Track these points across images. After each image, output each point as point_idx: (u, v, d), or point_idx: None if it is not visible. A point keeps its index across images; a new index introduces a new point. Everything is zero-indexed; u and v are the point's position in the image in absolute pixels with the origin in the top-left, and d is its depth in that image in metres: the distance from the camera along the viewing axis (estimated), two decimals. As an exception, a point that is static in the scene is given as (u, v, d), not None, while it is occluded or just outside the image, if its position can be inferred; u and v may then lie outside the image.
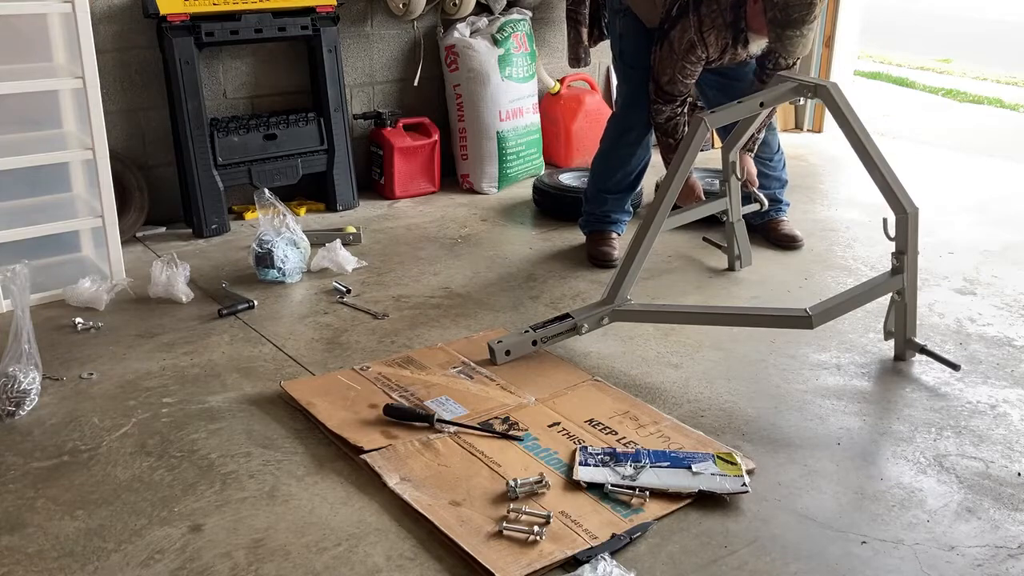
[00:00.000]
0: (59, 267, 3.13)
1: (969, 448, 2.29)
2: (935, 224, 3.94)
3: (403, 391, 2.47)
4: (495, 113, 4.19)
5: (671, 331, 2.86)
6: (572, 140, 4.60)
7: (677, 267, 3.42)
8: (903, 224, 2.59)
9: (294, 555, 1.86)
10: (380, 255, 3.52)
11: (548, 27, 4.70)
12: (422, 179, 4.23)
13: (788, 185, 3.73)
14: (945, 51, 9.55)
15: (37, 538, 1.91)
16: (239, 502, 2.02)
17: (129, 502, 2.02)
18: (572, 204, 3.86)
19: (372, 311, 3.01)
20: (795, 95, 2.81)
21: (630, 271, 2.70)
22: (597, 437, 2.25)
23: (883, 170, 2.61)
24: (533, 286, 3.24)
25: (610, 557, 1.80)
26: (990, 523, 2.01)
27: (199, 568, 1.82)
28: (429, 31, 4.27)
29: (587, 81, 4.73)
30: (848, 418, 2.41)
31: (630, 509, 1.99)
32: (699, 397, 2.50)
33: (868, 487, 2.12)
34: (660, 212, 2.72)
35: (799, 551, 1.90)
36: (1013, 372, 2.67)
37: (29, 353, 2.43)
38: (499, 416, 2.35)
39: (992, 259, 3.56)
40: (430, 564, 1.84)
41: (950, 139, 5.77)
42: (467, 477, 2.10)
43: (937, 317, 3.02)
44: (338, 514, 1.99)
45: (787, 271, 3.40)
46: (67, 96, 3.04)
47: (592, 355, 2.72)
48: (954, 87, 7.64)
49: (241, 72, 3.88)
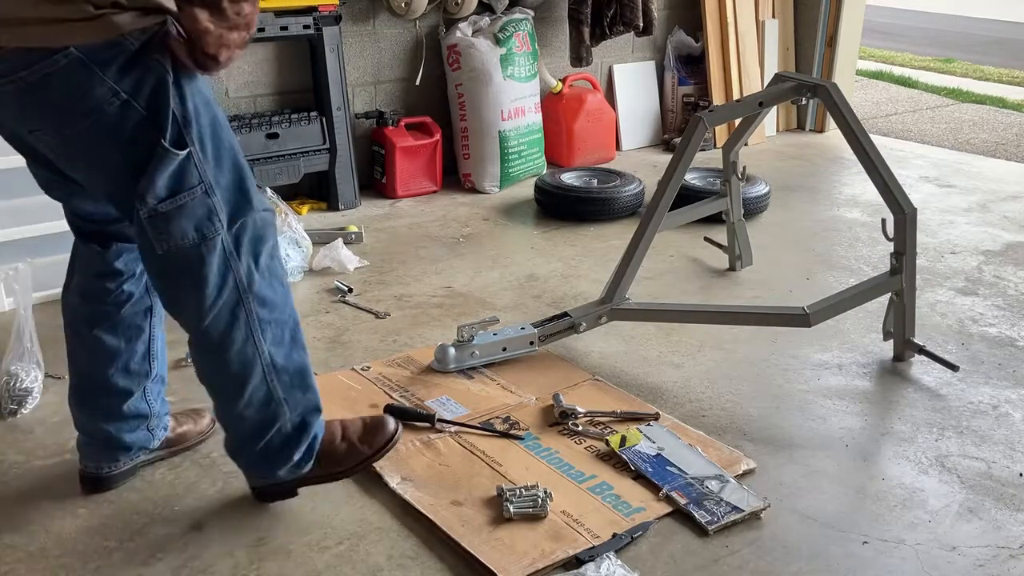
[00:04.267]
0: (61, 266, 3.11)
1: (971, 448, 2.29)
2: (937, 224, 3.94)
3: (404, 391, 2.47)
4: (497, 112, 4.19)
5: (672, 331, 2.86)
6: (574, 139, 4.60)
7: (678, 267, 3.42)
8: (901, 224, 2.59)
9: (295, 554, 1.87)
10: (382, 254, 3.52)
11: (550, 26, 4.71)
12: (424, 178, 4.23)
13: (789, 185, 3.71)
14: (946, 51, 9.55)
15: (39, 536, 1.91)
16: (240, 501, 2.02)
17: (131, 500, 2.02)
18: (574, 204, 3.87)
19: (374, 310, 3.01)
20: (794, 95, 2.81)
21: (628, 270, 2.70)
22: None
23: (882, 170, 2.61)
24: (535, 285, 3.24)
25: (614, 556, 1.80)
26: (992, 523, 2.01)
27: (200, 567, 1.83)
28: (431, 30, 4.27)
29: (589, 80, 4.73)
30: (850, 418, 2.41)
31: (632, 508, 1.99)
32: (700, 397, 2.50)
33: (870, 487, 2.12)
34: (659, 211, 2.72)
35: (800, 551, 1.90)
36: (1015, 372, 2.67)
37: (31, 351, 2.44)
38: (500, 416, 2.35)
39: (994, 259, 3.56)
40: (431, 563, 1.84)
41: (952, 139, 5.78)
42: (468, 477, 2.10)
43: (939, 317, 3.02)
44: (339, 513, 1.99)
45: (788, 271, 3.40)
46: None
47: (593, 354, 2.72)
48: (956, 87, 7.63)
49: (243, 71, 3.88)
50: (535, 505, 1.96)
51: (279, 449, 1.88)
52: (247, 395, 1.81)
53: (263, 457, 1.90)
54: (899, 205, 2.58)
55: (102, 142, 1.62)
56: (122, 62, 1.55)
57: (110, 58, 1.54)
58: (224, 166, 1.71)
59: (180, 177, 1.65)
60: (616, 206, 3.87)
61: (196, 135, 1.65)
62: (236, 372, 1.80)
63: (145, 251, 1.74)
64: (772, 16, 5.25)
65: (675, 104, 5.15)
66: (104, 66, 1.54)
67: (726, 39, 5.00)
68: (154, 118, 1.60)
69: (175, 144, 1.63)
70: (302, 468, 1.93)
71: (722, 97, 5.02)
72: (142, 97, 1.58)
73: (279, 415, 1.86)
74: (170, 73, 1.60)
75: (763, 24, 5.18)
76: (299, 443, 1.89)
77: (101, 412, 2.01)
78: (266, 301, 1.79)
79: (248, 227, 1.75)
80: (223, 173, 1.71)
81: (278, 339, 1.82)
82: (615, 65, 5.02)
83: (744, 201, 3.41)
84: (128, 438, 2.04)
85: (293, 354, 1.85)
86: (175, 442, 2.17)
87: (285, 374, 1.84)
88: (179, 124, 1.63)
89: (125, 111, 1.58)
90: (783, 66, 5.33)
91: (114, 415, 2.01)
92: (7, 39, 1.51)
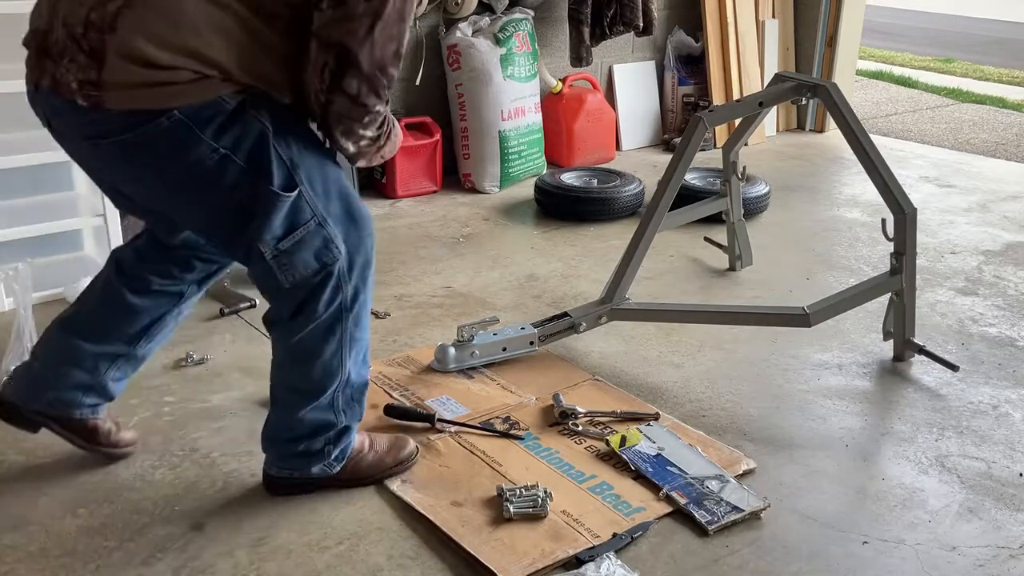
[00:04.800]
0: (61, 266, 3.13)
1: (971, 448, 2.29)
2: (937, 224, 3.94)
3: (404, 390, 2.47)
4: (497, 112, 4.19)
5: (672, 331, 2.86)
6: (574, 139, 4.60)
7: (678, 267, 3.42)
8: (901, 224, 2.60)
9: (295, 554, 1.87)
10: (382, 254, 3.52)
11: (550, 26, 4.70)
12: (424, 178, 4.23)
13: (789, 185, 3.71)
14: (946, 51, 9.55)
15: (39, 536, 1.91)
16: (240, 501, 2.03)
17: (131, 500, 2.02)
18: (574, 204, 3.86)
19: (374, 310, 3.01)
20: (794, 95, 2.81)
21: (628, 270, 2.70)
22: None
23: (882, 170, 2.61)
24: (535, 285, 3.24)
25: (614, 556, 1.80)
26: (992, 523, 2.01)
27: (200, 567, 1.83)
28: (431, 30, 4.27)
29: (589, 80, 4.73)
30: (850, 418, 2.41)
31: (632, 508, 1.99)
32: (700, 397, 2.50)
33: (870, 487, 2.12)
34: (658, 211, 2.72)
35: (800, 551, 1.90)
36: (1015, 372, 2.67)
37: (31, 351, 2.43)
38: (500, 416, 2.35)
39: (994, 259, 3.56)
40: (432, 563, 1.84)
41: (952, 139, 5.78)
42: (468, 477, 2.10)
43: (939, 317, 3.02)
44: (339, 513, 1.99)
45: (788, 271, 3.40)
46: (69, 95, 3.05)
47: (593, 354, 2.72)
48: (956, 87, 7.63)
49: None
50: (535, 505, 1.96)
51: (320, 449, 1.98)
52: (317, 402, 1.91)
53: (303, 454, 1.98)
54: (899, 205, 2.58)
55: (204, 192, 1.69)
56: (221, 121, 1.62)
57: (209, 117, 1.60)
58: (332, 196, 1.78)
59: (294, 215, 1.73)
60: (616, 206, 3.87)
61: (304, 175, 1.72)
62: (316, 381, 1.89)
63: (268, 284, 1.81)
64: (772, 16, 5.25)
65: (675, 104, 5.15)
66: (204, 125, 1.60)
67: (726, 39, 5.00)
68: (257, 168, 1.67)
69: (284, 188, 1.70)
70: (332, 469, 2.01)
71: (722, 97, 5.02)
72: (242, 152, 1.65)
73: (334, 422, 1.96)
74: (270, 128, 1.67)
75: (763, 24, 5.18)
76: (337, 446, 1.99)
77: (70, 353, 2.01)
78: (359, 321, 1.89)
79: (360, 251, 1.84)
80: (332, 203, 1.78)
81: (358, 357, 1.93)
82: (615, 65, 5.02)
83: (744, 201, 3.41)
84: (66, 394, 2.03)
85: (363, 370, 1.97)
86: (91, 431, 2.10)
87: (351, 388, 1.95)
88: (287, 168, 1.70)
89: (225, 164, 1.65)
90: (783, 66, 5.32)
91: (75, 361, 2.01)
92: (114, 101, 1.56)
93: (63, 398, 2.04)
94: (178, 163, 1.63)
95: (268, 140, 1.66)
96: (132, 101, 1.56)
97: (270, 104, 1.67)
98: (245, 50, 1.60)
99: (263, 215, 1.69)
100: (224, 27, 1.56)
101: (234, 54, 1.58)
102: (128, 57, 1.54)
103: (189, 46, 1.55)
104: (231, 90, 1.61)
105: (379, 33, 1.59)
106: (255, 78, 1.62)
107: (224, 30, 1.57)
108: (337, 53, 1.59)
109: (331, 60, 1.59)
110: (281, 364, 1.93)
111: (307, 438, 1.96)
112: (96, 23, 1.54)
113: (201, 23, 1.55)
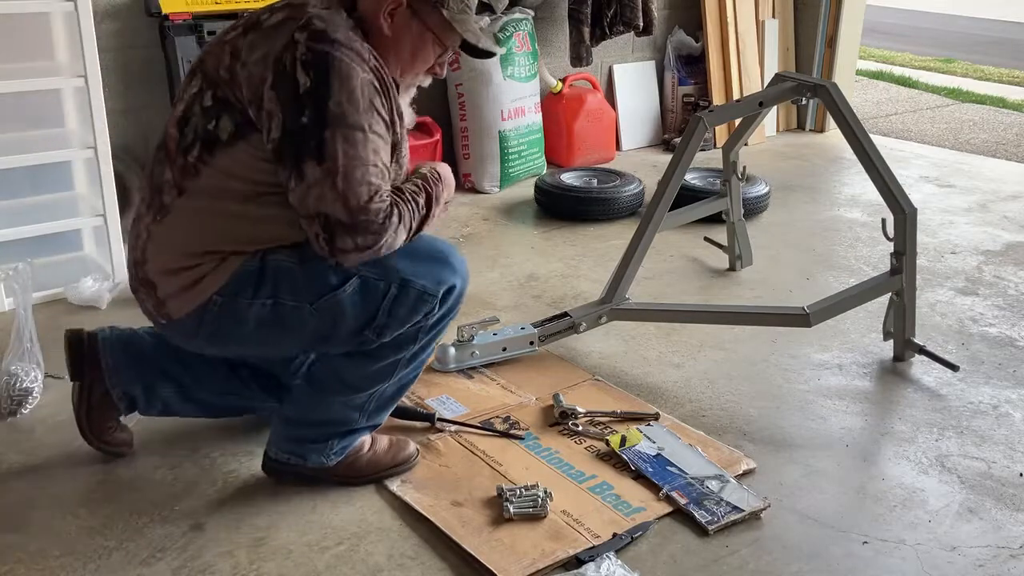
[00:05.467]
0: (61, 266, 3.13)
1: (971, 448, 2.29)
2: (937, 224, 3.94)
3: (404, 390, 2.47)
4: (497, 112, 4.19)
5: (672, 331, 2.86)
6: (574, 139, 4.60)
7: (678, 267, 3.42)
8: (901, 224, 2.60)
9: (295, 554, 1.87)
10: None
11: (550, 26, 4.70)
12: (424, 178, 4.22)
13: (789, 185, 3.72)
14: (947, 51, 9.55)
15: (39, 536, 1.91)
16: (241, 501, 2.03)
17: (131, 500, 2.02)
18: (574, 204, 3.86)
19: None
20: (795, 95, 2.81)
21: (628, 270, 2.70)
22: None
23: (882, 170, 2.61)
24: (535, 285, 3.24)
25: (614, 556, 1.80)
26: (992, 523, 2.01)
27: (200, 566, 1.83)
28: (431, 30, 4.27)
29: (589, 80, 4.73)
30: (850, 418, 2.41)
31: (632, 508, 1.99)
32: (700, 397, 2.50)
33: (870, 487, 2.12)
34: (658, 211, 2.72)
35: (800, 551, 1.90)
36: (1015, 372, 2.67)
37: (31, 351, 2.43)
38: (500, 415, 2.35)
39: (994, 259, 3.56)
40: (432, 563, 1.84)
41: (952, 139, 5.78)
42: (468, 477, 2.10)
43: (939, 317, 3.02)
44: (340, 513, 1.99)
45: (789, 271, 3.40)
46: (69, 95, 3.04)
47: (593, 354, 2.72)
48: (956, 87, 7.63)
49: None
50: (535, 505, 1.96)
51: (324, 440, 2.03)
52: (353, 399, 1.99)
53: (311, 441, 2.02)
54: (899, 205, 2.58)
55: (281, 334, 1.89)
56: (254, 280, 1.82)
57: (242, 284, 1.82)
58: (414, 249, 1.87)
59: (366, 296, 1.85)
60: (616, 206, 3.87)
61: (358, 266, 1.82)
62: (364, 379, 1.97)
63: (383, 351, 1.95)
64: (772, 16, 5.24)
65: (675, 104, 5.15)
66: (241, 291, 1.82)
67: (726, 39, 5.00)
68: (306, 293, 1.83)
69: (341, 284, 1.83)
70: (329, 461, 2.04)
71: (722, 97, 5.02)
72: (284, 292, 1.83)
73: (353, 421, 2.02)
74: (296, 260, 1.83)
75: (763, 24, 5.18)
76: (341, 441, 2.04)
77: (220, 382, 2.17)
78: (429, 345, 2.00)
79: (454, 292, 1.95)
80: (400, 258, 1.84)
81: (407, 373, 2.03)
82: (615, 65, 5.02)
83: (744, 201, 3.41)
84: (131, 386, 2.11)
85: (405, 380, 2.06)
86: (114, 437, 2.17)
87: (385, 397, 2.04)
88: (325, 274, 1.82)
89: (278, 309, 1.85)
90: (783, 66, 5.32)
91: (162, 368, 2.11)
92: (176, 311, 1.85)
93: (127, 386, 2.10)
94: (245, 327, 1.85)
95: (296, 272, 1.83)
96: (186, 305, 1.84)
97: (288, 246, 1.84)
98: (250, 229, 1.81)
99: (343, 316, 1.85)
100: (228, 226, 1.80)
101: (242, 236, 1.81)
102: (165, 273, 1.83)
103: (205, 246, 1.80)
104: (249, 254, 1.82)
105: (345, 186, 1.69)
106: (266, 242, 1.83)
107: (228, 228, 1.80)
108: (321, 222, 1.72)
109: (319, 229, 1.72)
110: (340, 357, 1.97)
111: (321, 426, 2.00)
112: (139, 260, 1.87)
113: (207, 228, 1.80)
